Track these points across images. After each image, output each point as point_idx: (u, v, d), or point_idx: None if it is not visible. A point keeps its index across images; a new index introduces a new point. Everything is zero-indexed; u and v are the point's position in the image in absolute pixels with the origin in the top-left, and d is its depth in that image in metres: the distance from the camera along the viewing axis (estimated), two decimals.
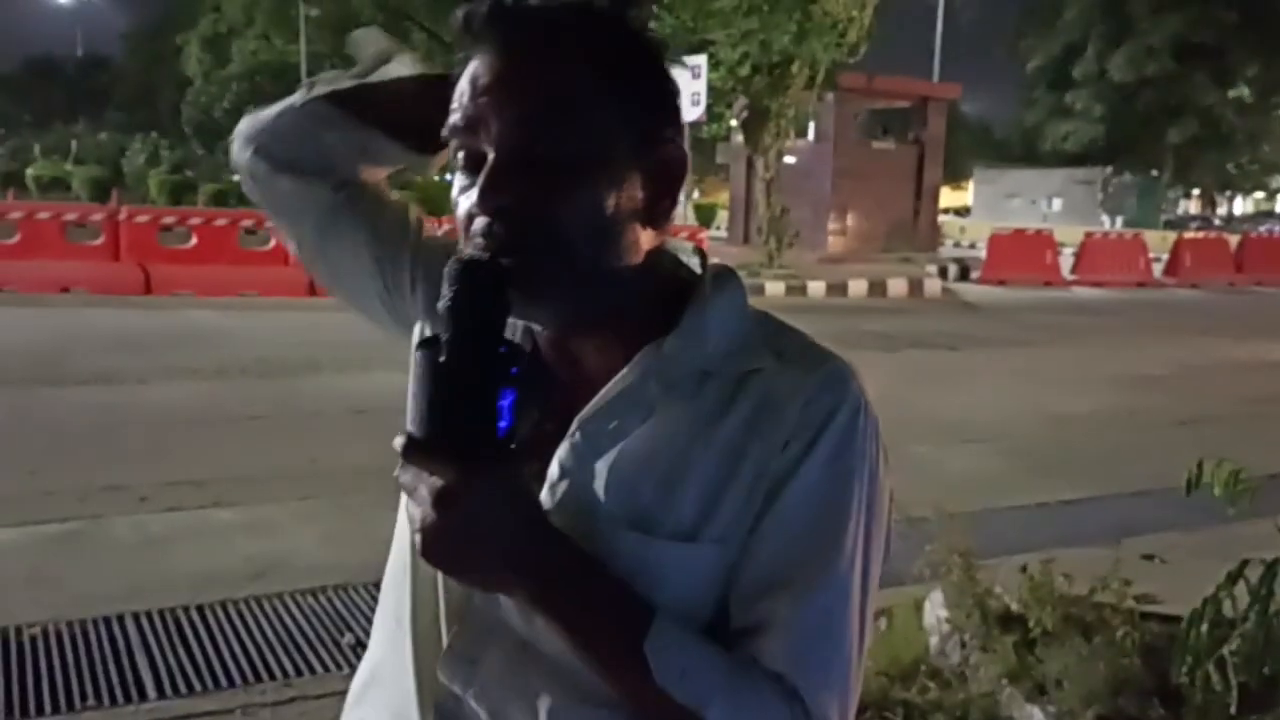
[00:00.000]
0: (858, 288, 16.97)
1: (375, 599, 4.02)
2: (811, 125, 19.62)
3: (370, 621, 3.86)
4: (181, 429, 6.88)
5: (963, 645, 3.56)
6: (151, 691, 3.40)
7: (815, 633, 0.86)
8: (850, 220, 18.56)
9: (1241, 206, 58.41)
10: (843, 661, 0.87)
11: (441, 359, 0.76)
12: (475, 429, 0.77)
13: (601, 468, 0.88)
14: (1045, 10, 49.39)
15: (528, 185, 0.83)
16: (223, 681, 3.49)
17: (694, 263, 0.98)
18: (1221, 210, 54.80)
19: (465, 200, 0.87)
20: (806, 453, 0.87)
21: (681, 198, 0.97)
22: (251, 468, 5.99)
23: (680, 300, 0.93)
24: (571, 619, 0.83)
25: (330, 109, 1.08)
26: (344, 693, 3.56)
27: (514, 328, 0.92)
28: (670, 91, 0.91)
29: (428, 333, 1.01)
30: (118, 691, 3.39)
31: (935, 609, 3.78)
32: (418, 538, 0.79)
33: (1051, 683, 3.21)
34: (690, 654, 0.83)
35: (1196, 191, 55.83)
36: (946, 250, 24.45)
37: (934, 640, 3.69)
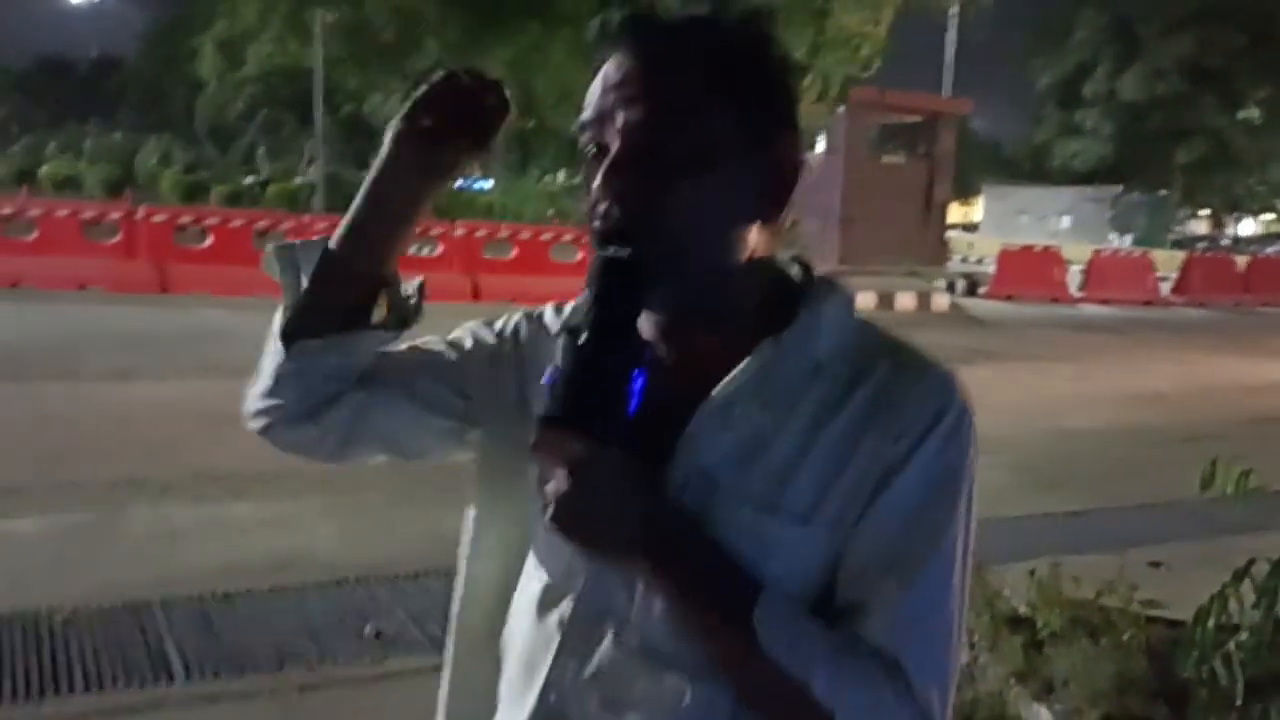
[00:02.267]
0: (866, 300, 17.03)
1: (396, 592, 4.11)
2: (822, 138, 19.74)
3: (391, 612, 3.96)
4: (199, 425, 6.95)
5: (971, 646, 3.63)
6: (179, 673, 3.49)
7: (919, 614, 0.91)
8: (859, 233, 18.63)
9: (1250, 227, 58.36)
10: (943, 643, 0.92)
11: (582, 344, 0.85)
12: (609, 410, 0.85)
13: (722, 450, 0.95)
14: (1056, 30, 49.56)
15: (645, 176, 0.91)
16: (249, 666, 3.58)
17: (797, 271, 1.06)
18: (1230, 231, 54.77)
19: (591, 187, 0.95)
20: (917, 447, 0.93)
21: None
22: (270, 464, 6.01)
23: (786, 302, 1.00)
24: (686, 589, 0.90)
25: (305, 343, 1.06)
26: (367, 679, 3.65)
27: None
28: (787, 100, 0.99)
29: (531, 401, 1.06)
30: (146, 673, 3.48)
31: None
32: (550, 508, 0.86)
33: (1058, 682, 3.29)
34: (797, 627, 0.89)
35: (1205, 212, 55.86)
36: (955, 265, 24.53)
37: None
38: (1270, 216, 57.03)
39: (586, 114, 0.96)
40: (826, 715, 0.87)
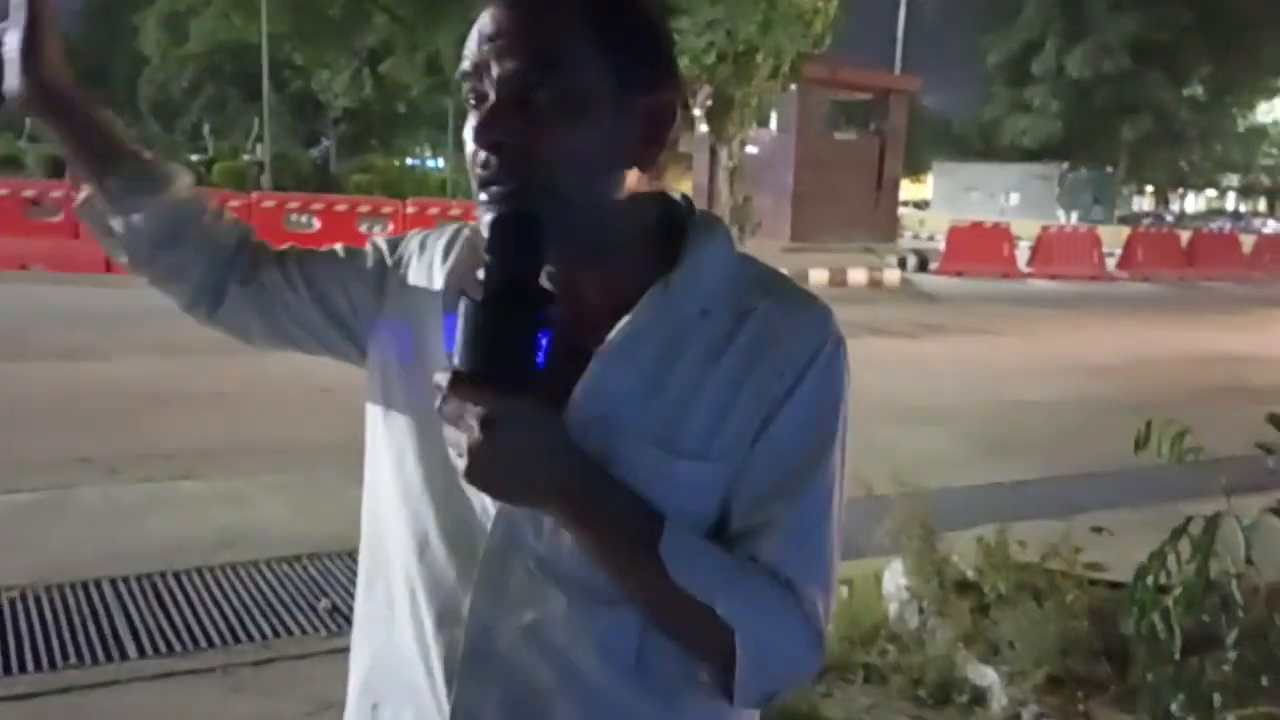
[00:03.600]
0: (818, 277, 17.13)
1: (350, 568, 4.11)
2: (774, 115, 19.75)
3: (346, 587, 3.96)
4: (147, 404, 6.89)
5: (921, 611, 3.70)
6: (132, 651, 3.47)
7: (804, 532, 0.99)
8: (812, 210, 18.70)
9: (1194, 204, 59.39)
10: (827, 556, 1.01)
11: (485, 301, 0.88)
12: (518, 363, 0.89)
13: (620, 393, 0.99)
14: (1005, 7, 49.90)
15: (521, 123, 0.94)
16: (202, 643, 3.57)
17: (680, 208, 1.09)
18: (1174, 207, 55.71)
19: (469, 136, 0.98)
20: (797, 382, 1.00)
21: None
22: (220, 442, 6.03)
23: (671, 242, 1.04)
24: (596, 528, 0.96)
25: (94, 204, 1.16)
26: (323, 653, 3.66)
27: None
28: (662, 45, 1.02)
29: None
30: (98, 651, 3.46)
31: (894, 577, 3.92)
32: (462, 461, 0.89)
33: (1005, 644, 3.37)
34: (698, 554, 0.96)
35: (1150, 188, 56.72)
36: (906, 242, 24.75)
37: (893, 607, 3.83)
38: (1213, 193, 58.08)
39: (464, 65, 0.98)
40: (727, 630, 0.94)
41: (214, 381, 7.60)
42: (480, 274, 0.91)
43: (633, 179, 1.01)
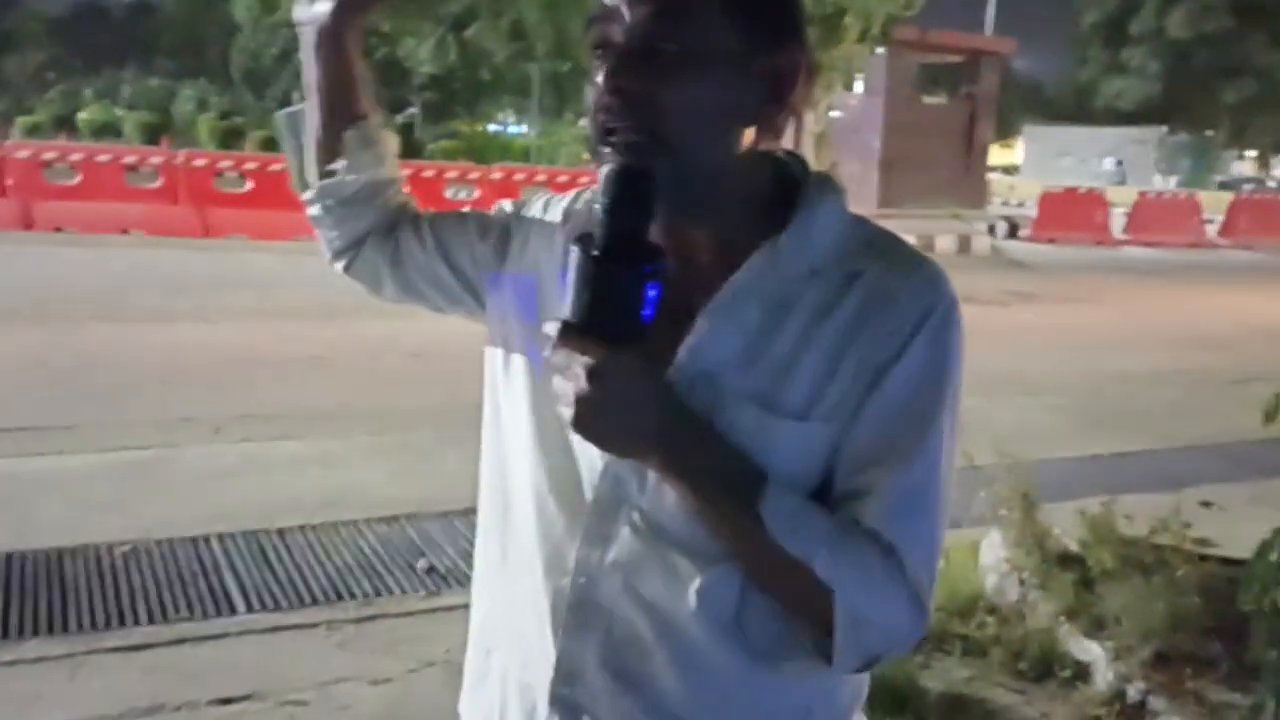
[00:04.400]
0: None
1: (446, 529, 4.18)
2: (861, 79, 19.43)
3: (443, 548, 4.02)
4: (246, 366, 7.05)
5: (1021, 583, 3.64)
6: (240, 606, 3.57)
7: (910, 498, 0.97)
8: (899, 176, 18.39)
9: None
10: (932, 524, 0.99)
11: (597, 254, 0.89)
12: (625, 316, 0.89)
13: (725, 351, 1.00)
14: None
15: (648, 72, 0.95)
16: (306, 599, 3.66)
17: (795, 169, 1.08)
18: (1276, 172, 53.62)
19: (594, 86, 0.99)
20: (907, 344, 0.98)
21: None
22: (316, 404, 6.15)
23: (784, 201, 1.04)
24: (697, 482, 0.96)
25: (319, 197, 1.25)
26: (423, 612, 3.71)
27: None
28: (791, 7, 1.01)
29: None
30: (209, 605, 3.56)
31: (993, 549, 3.86)
32: (569, 411, 0.91)
33: (1110, 620, 3.30)
34: (798, 513, 0.96)
35: (1252, 153, 54.67)
36: (995, 208, 24.23)
37: (991, 579, 3.77)
38: None
39: (595, 11, 0.99)
40: (827, 593, 0.94)
41: (310, 345, 7.76)
42: (594, 227, 0.92)
43: (751, 139, 1.01)
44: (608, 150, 0.96)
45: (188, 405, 5.97)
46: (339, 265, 1.30)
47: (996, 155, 34.73)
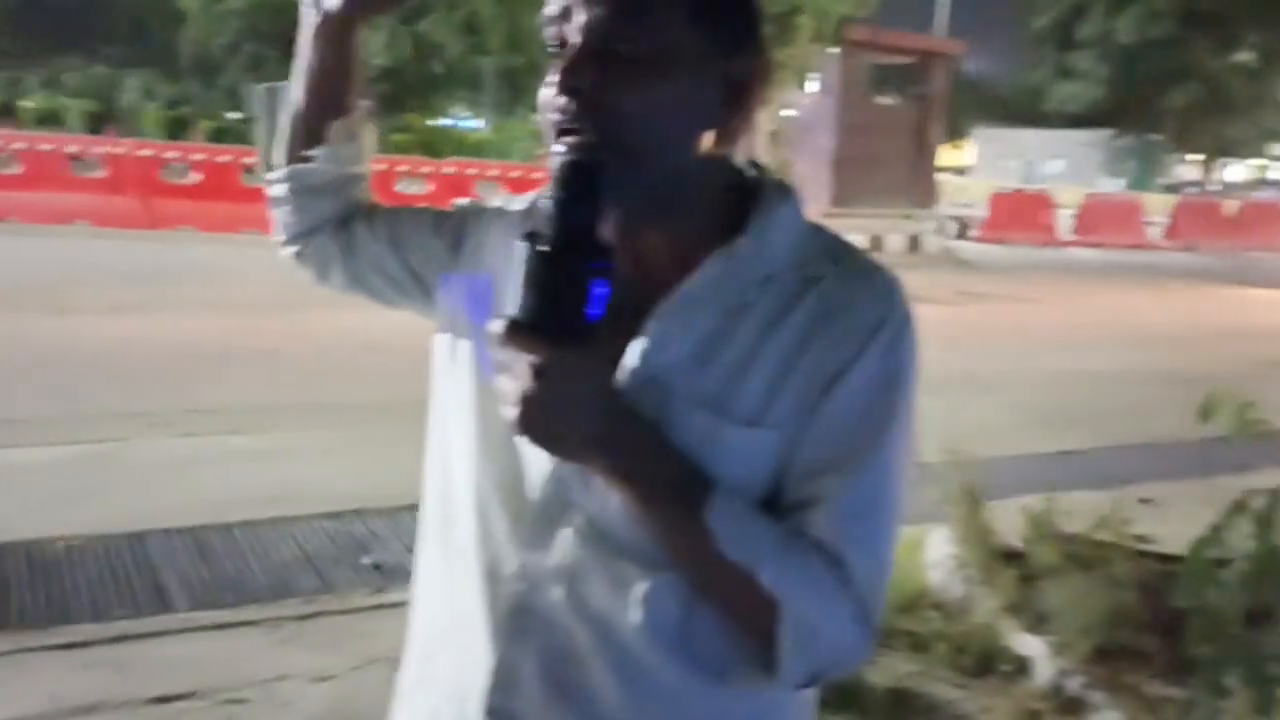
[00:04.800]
0: (857, 242, 16.92)
1: (393, 525, 4.14)
2: (814, 78, 19.53)
3: (388, 544, 3.98)
4: (194, 360, 6.95)
5: (965, 579, 3.68)
6: (182, 603, 3.52)
7: (860, 509, 0.95)
8: (851, 175, 18.52)
9: (1238, 173, 58.23)
10: (882, 538, 0.97)
11: (545, 249, 0.87)
12: (571, 313, 0.87)
13: (675, 355, 0.98)
14: None
15: (603, 73, 0.92)
16: (249, 596, 3.62)
17: (751, 172, 1.07)
18: (1216, 176, 54.67)
19: (549, 86, 0.97)
20: (861, 353, 0.96)
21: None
22: (265, 399, 6.08)
23: (741, 206, 1.02)
24: (642, 487, 0.93)
25: (286, 180, 1.23)
26: (368, 609, 3.67)
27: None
28: (750, 11, 1.00)
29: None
30: (150, 602, 3.51)
31: (939, 545, 3.90)
32: (513, 410, 0.88)
33: (1051, 615, 3.35)
34: (745, 522, 0.93)
35: (1196, 156, 55.69)
36: (945, 208, 24.50)
37: (937, 575, 3.82)
38: (1259, 162, 56.96)
39: (550, 8, 0.97)
40: (772, 604, 0.92)
41: (258, 339, 7.67)
42: (543, 223, 0.90)
43: (708, 144, 0.99)
44: (561, 150, 0.94)
45: (134, 399, 5.88)
46: (289, 250, 1.27)
47: (947, 156, 35.10)
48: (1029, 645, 3.33)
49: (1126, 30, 45.54)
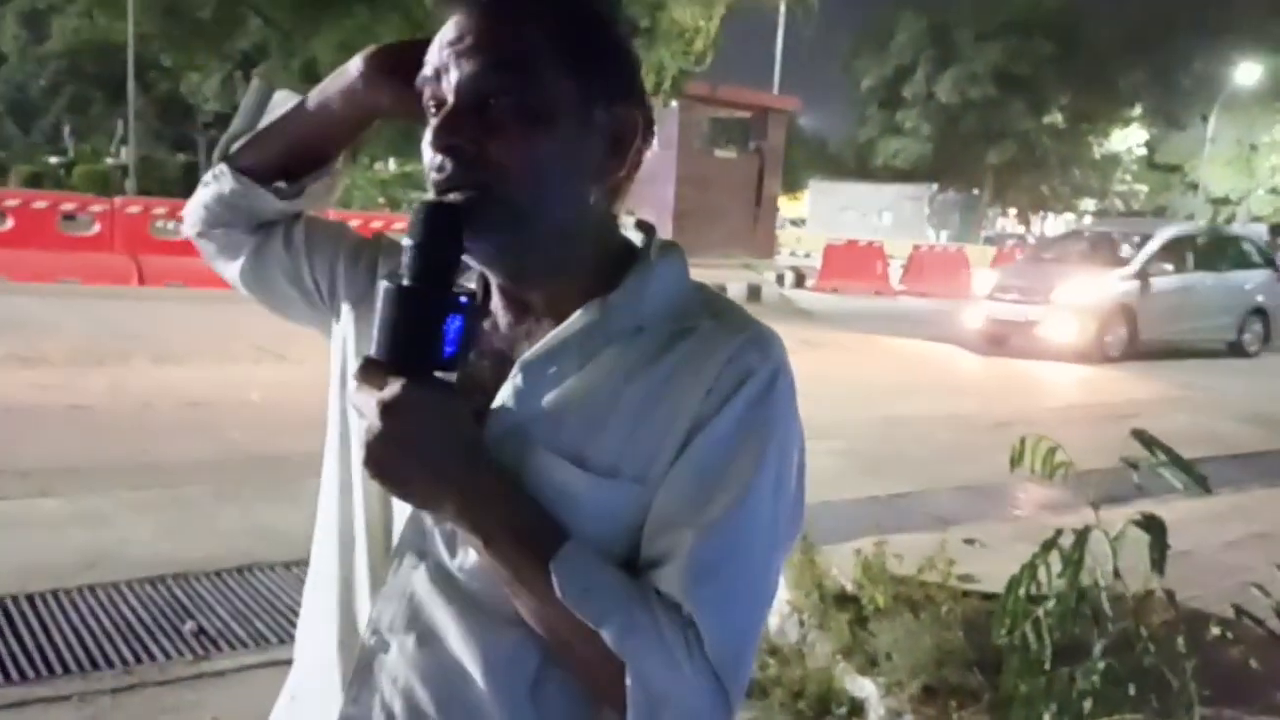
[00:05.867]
0: None
1: (218, 588, 3.96)
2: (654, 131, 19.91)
3: (213, 609, 3.82)
4: (0, 417, 6.53)
5: (801, 624, 3.74)
6: None
7: (715, 567, 0.91)
8: (692, 226, 18.90)
9: (1056, 226, 61.89)
10: (738, 600, 0.92)
11: (401, 288, 0.86)
12: (422, 348, 0.86)
13: (537, 405, 0.96)
14: (878, 33, 51.51)
15: (478, 130, 0.91)
16: (57, 669, 3.38)
17: (638, 236, 1.06)
18: (1035, 229, 57.98)
19: (426, 141, 0.95)
20: (724, 403, 0.93)
21: None
22: (79, 458, 5.75)
23: (623, 261, 1.01)
24: (490, 534, 0.90)
25: (239, 184, 1.16)
26: (188, 679, 3.48)
27: (471, 276, 1.03)
28: (627, 61, 0.99)
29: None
30: None
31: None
32: (361, 452, 0.86)
33: (882, 656, 3.42)
34: (594, 576, 0.90)
35: (1014, 210, 58.98)
36: (783, 258, 25.24)
37: (774, 621, 3.86)
38: (1072, 216, 60.65)
39: (426, 70, 0.96)
40: (620, 667, 0.88)
41: (73, 394, 7.26)
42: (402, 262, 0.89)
43: (592, 196, 0.98)
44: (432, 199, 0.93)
45: None
46: (194, 230, 1.22)
47: (785, 208, 36.20)
48: (862, 687, 3.39)
49: (947, 91, 48.23)
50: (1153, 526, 2.20)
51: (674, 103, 18.33)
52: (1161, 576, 2.17)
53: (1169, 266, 14.39)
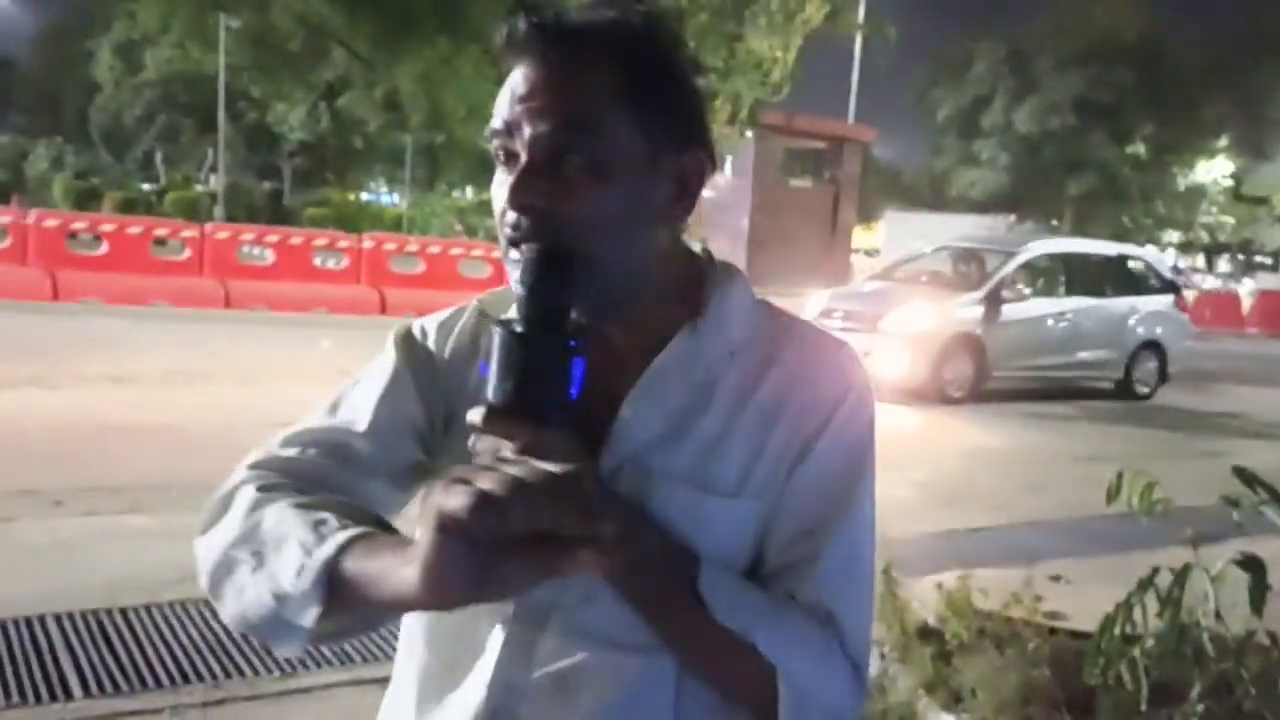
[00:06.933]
0: None
1: None
2: (730, 160, 19.97)
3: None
4: (94, 435, 6.73)
5: (882, 657, 3.68)
6: (77, 691, 3.35)
7: (843, 568, 1.00)
8: (767, 254, 18.88)
9: None
10: (865, 593, 1.03)
11: (520, 331, 0.85)
12: (554, 394, 0.85)
13: (651, 434, 1.00)
14: (955, 62, 51.03)
15: (553, 186, 0.93)
16: (150, 682, 3.46)
17: (700, 256, 1.11)
18: None
19: (500, 194, 0.97)
20: (829, 421, 1.02)
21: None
22: (168, 476, 5.88)
23: (693, 287, 1.06)
24: (633, 570, 0.92)
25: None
26: (274, 694, 3.55)
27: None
28: (694, 104, 1.02)
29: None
30: (42, 690, 3.34)
31: None
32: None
33: (966, 692, 3.36)
34: (737, 591, 0.96)
35: None
36: None
37: None
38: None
39: (495, 123, 0.97)
40: (765, 672, 0.93)
41: (163, 413, 7.46)
42: (513, 310, 0.90)
43: (663, 236, 1.02)
44: (517, 259, 0.94)
45: (29, 476, 5.64)
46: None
47: (859, 238, 35.95)
48: None
49: (1026, 121, 47.59)
50: (1253, 566, 2.14)
51: (750, 133, 18.37)
52: (1260, 618, 2.11)
53: (1027, 290, 12.51)
